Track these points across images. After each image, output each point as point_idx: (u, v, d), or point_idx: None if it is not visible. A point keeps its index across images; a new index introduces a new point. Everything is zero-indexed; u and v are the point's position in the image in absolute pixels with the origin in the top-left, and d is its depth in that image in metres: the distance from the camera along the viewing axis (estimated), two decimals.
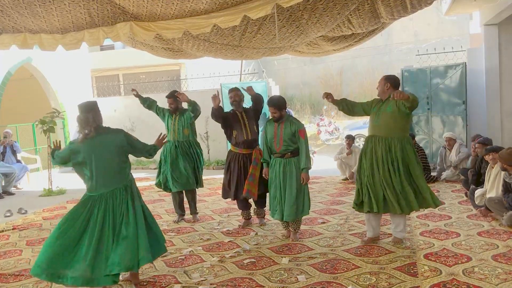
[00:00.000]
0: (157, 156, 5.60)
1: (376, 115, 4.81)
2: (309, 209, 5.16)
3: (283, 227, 5.40)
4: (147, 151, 4.20)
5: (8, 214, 7.40)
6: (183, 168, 6.12)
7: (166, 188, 6.34)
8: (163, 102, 6.67)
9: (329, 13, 5.64)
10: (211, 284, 4.01)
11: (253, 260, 4.56)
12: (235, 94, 5.94)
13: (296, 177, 5.00)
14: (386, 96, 4.80)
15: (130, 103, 12.06)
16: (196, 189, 6.42)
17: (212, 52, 6.64)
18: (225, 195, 5.92)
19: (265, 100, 5.86)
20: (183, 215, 6.44)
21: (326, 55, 9.61)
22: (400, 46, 20.08)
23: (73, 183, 10.40)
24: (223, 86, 10.59)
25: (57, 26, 5.26)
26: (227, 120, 5.86)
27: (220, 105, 5.85)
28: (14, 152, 10.11)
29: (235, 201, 6.02)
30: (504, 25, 9.94)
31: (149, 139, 4.49)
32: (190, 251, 4.96)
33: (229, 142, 5.94)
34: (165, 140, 4.31)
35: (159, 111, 6.54)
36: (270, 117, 5.31)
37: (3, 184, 9.34)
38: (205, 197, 7.79)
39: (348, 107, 5.15)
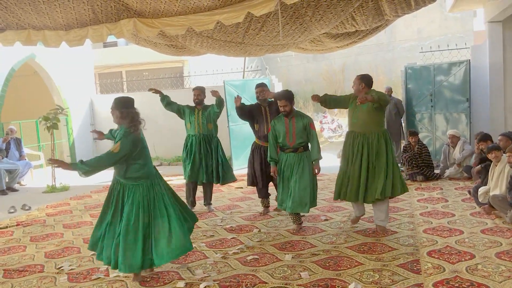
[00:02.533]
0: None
1: (353, 112, 5.21)
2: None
3: (294, 221, 5.50)
4: None
5: (12, 211, 7.44)
6: (206, 161, 6.42)
7: (191, 179, 6.52)
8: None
9: (333, 10, 5.63)
10: (214, 281, 4.02)
11: (256, 256, 4.57)
12: (261, 90, 6.19)
13: (308, 170, 5.22)
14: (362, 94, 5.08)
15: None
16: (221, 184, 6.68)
17: (216, 49, 6.64)
18: (249, 183, 6.35)
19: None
20: (194, 205, 6.70)
21: (329, 52, 9.59)
22: (404, 43, 20.01)
23: (76, 180, 10.43)
24: (226, 83, 10.58)
25: (61, 23, 5.27)
26: (251, 113, 6.23)
27: (241, 103, 6.20)
28: (18, 148, 10.14)
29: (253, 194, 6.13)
30: (508, 22, 9.89)
31: (152, 135, 4.51)
32: (193, 248, 4.96)
33: (254, 134, 6.36)
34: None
35: (180, 109, 6.68)
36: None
37: (6, 180, 9.37)
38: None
39: (329, 101, 5.45)
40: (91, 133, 6.00)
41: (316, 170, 5.29)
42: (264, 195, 6.31)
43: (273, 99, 6.10)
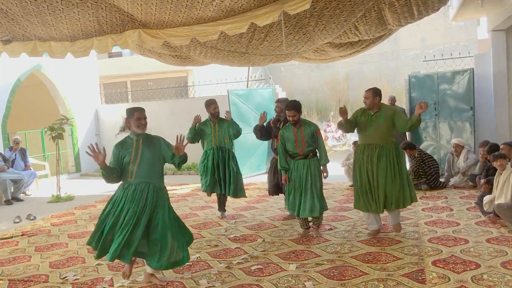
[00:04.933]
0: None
1: (368, 124, 5.33)
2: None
3: (302, 226, 5.65)
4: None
5: (17, 220, 7.46)
6: (222, 173, 6.59)
7: (210, 190, 6.69)
8: (171, 107, 6.74)
9: (336, 20, 5.66)
10: None
11: (260, 266, 4.56)
12: (277, 105, 6.51)
13: (318, 175, 5.45)
14: (376, 108, 5.31)
15: None
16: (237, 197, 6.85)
17: (219, 59, 6.69)
18: (271, 193, 6.69)
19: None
20: (225, 210, 6.97)
21: (332, 61, 9.63)
22: (407, 52, 20.03)
23: (81, 190, 10.48)
24: (230, 93, 10.63)
25: (67, 34, 5.33)
26: (269, 132, 6.52)
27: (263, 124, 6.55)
28: (23, 158, 10.19)
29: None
30: None
31: None
32: (197, 257, 4.97)
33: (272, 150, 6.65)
34: (185, 142, 4.35)
35: (198, 132, 6.73)
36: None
37: (12, 190, 9.41)
38: (212, 203, 7.79)
39: (351, 126, 5.52)
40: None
41: (325, 174, 5.57)
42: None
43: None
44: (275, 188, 6.57)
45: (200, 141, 6.85)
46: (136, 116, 4.19)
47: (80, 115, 13.25)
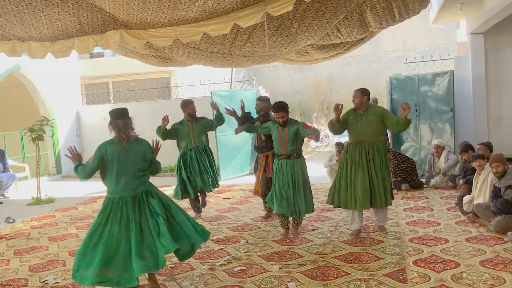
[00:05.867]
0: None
1: (358, 123, 5.44)
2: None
3: (282, 226, 5.66)
4: (156, 169, 4.33)
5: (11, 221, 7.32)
6: (206, 172, 6.69)
7: (183, 196, 6.72)
8: (153, 108, 6.72)
9: (318, 22, 5.70)
10: None
11: (243, 268, 4.56)
12: (258, 103, 6.59)
13: (302, 177, 5.45)
14: (365, 107, 5.44)
15: None
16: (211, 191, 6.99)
17: (202, 60, 6.67)
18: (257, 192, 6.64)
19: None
20: (200, 212, 6.99)
21: (315, 63, 9.70)
22: (389, 54, 20.25)
23: (62, 192, 10.33)
24: (214, 94, 10.60)
25: (47, 34, 5.25)
26: (250, 121, 6.52)
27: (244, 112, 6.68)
28: (2, 160, 10.01)
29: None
30: (490, 34, 10.11)
31: None
32: None
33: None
34: (159, 146, 4.38)
35: (171, 132, 6.76)
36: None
37: None
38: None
39: (341, 126, 5.61)
40: None
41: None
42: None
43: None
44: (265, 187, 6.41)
45: (176, 143, 6.83)
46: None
47: (61, 116, 13.06)
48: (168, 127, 6.70)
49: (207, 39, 5.68)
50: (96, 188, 10.12)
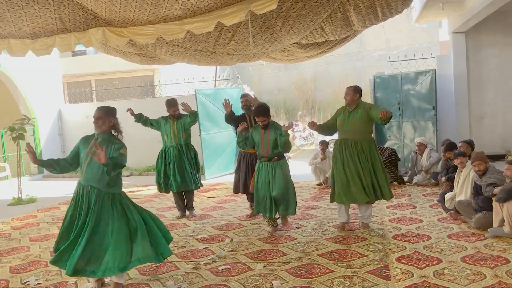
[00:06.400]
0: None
1: (345, 120, 5.50)
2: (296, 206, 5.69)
3: (269, 224, 5.72)
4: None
5: None
6: (185, 170, 6.65)
7: (166, 189, 6.77)
8: (136, 106, 6.69)
9: (302, 20, 5.71)
10: None
11: (228, 266, 4.55)
12: (245, 99, 6.56)
13: (283, 178, 5.49)
14: (355, 105, 5.48)
15: None
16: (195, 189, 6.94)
17: (186, 58, 6.63)
18: (235, 190, 6.64)
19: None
20: (185, 212, 6.95)
21: (300, 61, 9.72)
22: (373, 53, 20.42)
23: (43, 191, 10.19)
24: (198, 92, 10.56)
25: (27, 31, 5.16)
26: (238, 122, 6.26)
27: (231, 110, 6.41)
28: None
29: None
30: (471, 33, 10.26)
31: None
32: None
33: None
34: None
35: (154, 123, 6.88)
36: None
37: None
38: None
39: (327, 128, 5.72)
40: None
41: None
42: (252, 199, 6.48)
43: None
44: (244, 185, 6.44)
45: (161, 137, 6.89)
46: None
47: (43, 115, 12.87)
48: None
49: (191, 37, 5.65)
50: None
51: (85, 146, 4.08)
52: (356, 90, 5.50)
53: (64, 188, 10.50)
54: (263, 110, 5.52)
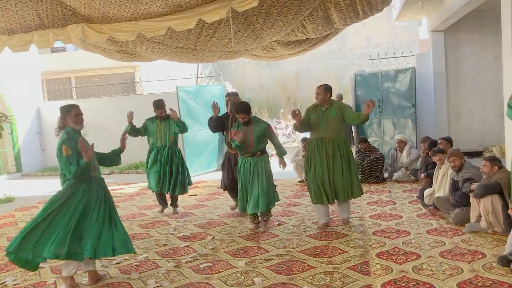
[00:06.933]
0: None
1: (320, 119, 5.50)
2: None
3: (251, 221, 5.75)
4: (111, 160, 4.45)
5: None
6: (169, 173, 6.63)
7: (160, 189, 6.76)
8: (117, 103, 6.60)
9: (284, 18, 5.72)
10: None
11: (209, 264, 4.54)
12: (228, 98, 6.56)
13: (265, 173, 5.53)
14: (327, 104, 5.50)
15: (82, 106, 11.63)
16: (181, 194, 6.92)
17: (167, 55, 6.58)
18: (222, 187, 6.70)
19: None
20: (166, 206, 6.99)
21: (281, 59, 9.74)
22: (354, 51, 20.55)
23: (22, 190, 10.01)
24: (179, 90, 10.50)
25: (3, 27, 5.06)
26: (223, 124, 6.46)
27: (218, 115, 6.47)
28: None
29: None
30: (449, 32, 10.43)
31: (103, 143, 4.43)
32: (145, 257, 4.88)
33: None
34: (126, 137, 4.56)
35: (143, 130, 6.82)
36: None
37: None
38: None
39: (305, 126, 5.69)
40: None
41: (281, 166, 5.90)
42: (234, 195, 6.57)
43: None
44: (232, 182, 6.42)
45: (147, 138, 6.85)
46: (74, 113, 4.16)
47: (21, 112, 12.64)
48: (135, 122, 6.71)
49: (172, 34, 5.61)
50: (59, 186, 9.86)
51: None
52: (327, 89, 5.50)
53: (43, 187, 10.34)
54: (244, 107, 5.54)
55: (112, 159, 4.53)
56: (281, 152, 5.82)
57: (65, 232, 3.90)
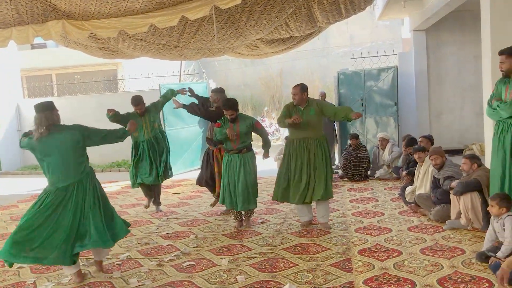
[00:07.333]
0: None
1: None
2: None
3: (235, 218, 5.76)
4: (116, 136, 4.47)
5: None
6: (156, 163, 6.64)
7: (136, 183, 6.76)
8: (99, 101, 6.53)
9: (267, 16, 5.72)
10: None
11: (192, 263, 4.53)
12: (212, 95, 6.47)
13: (250, 170, 5.54)
14: (305, 103, 5.46)
15: (63, 104, 11.52)
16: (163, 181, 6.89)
17: (150, 52, 6.53)
18: (203, 183, 6.58)
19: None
20: (152, 198, 6.92)
21: (265, 57, 9.74)
22: (337, 50, 20.66)
23: (1, 189, 9.84)
24: (162, 87, 10.41)
25: None
26: (214, 115, 6.31)
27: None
28: None
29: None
30: (431, 31, 10.56)
31: None
32: (127, 256, 4.85)
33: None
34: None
35: (125, 119, 6.56)
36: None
37: None
38: (142, 201, 7.60)
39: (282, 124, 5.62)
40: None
41: (265, 157, 6.12)
42: (212, 191, 6.57)
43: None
44: (212, 179, 6.39)
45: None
46: (56, 109, 4.20)
47: (0, 109, 12.41)
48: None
49: (154, 31, 5.56)
50: (39, 185, 9.72)
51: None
52: (303, 89, 5.46)
53: (23, 185, 10.17)
54: (231, 104, 5.51)
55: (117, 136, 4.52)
56: (267, 146, 5.95)
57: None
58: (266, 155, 6.06)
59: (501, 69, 4.42)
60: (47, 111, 4.07)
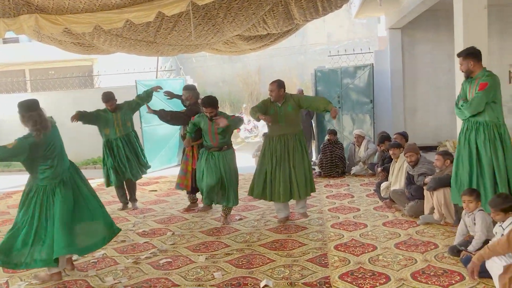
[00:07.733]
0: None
1: (279, 116, 5.43)
2: None
3: (205, 204, 5.91)
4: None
5: None
6: (130, 161, 6.59)
7: (109, 182, 6.68)
8: (74, 97, 6.42)
9: (244, 12, 5.72)
10: (125, 287, 3.91)
11: (169, 260, 4.51)
12: (184, 93, 6.55)
13: (229, 167, 5.54)
14: (282, 99, 5.46)
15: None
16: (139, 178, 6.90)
17: (126, 48, 6.45)
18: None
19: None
20: (127, 203, 6.89)
21: (243, 54, 9.73)
22: (314, 47, 20.81)
23: None
24: (139, 83, 10.31)
25: None
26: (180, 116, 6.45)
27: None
28: None
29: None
30: (406, 30, 10.72)
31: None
32: (103, 254, 4.79)
33: None
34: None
35: (94, 117, 6.58)
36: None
37: None
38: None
39: (253, 114, 5.56)
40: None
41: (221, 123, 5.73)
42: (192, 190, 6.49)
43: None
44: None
45: (98, 130, 6.67)
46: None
47: None
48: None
49: (130, 27, 5.50)
50: (12, 183, 9.53)
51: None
52: (280, 85, 5.45)
53: (3, 182, 9.95)
54: (211, 101, 5.46)
55: None
56: (233, 123, 5.60)
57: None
58: (223, 121, 5.34)
59: (461, 70, 4.55)
60: (38, 109, 4.13)
